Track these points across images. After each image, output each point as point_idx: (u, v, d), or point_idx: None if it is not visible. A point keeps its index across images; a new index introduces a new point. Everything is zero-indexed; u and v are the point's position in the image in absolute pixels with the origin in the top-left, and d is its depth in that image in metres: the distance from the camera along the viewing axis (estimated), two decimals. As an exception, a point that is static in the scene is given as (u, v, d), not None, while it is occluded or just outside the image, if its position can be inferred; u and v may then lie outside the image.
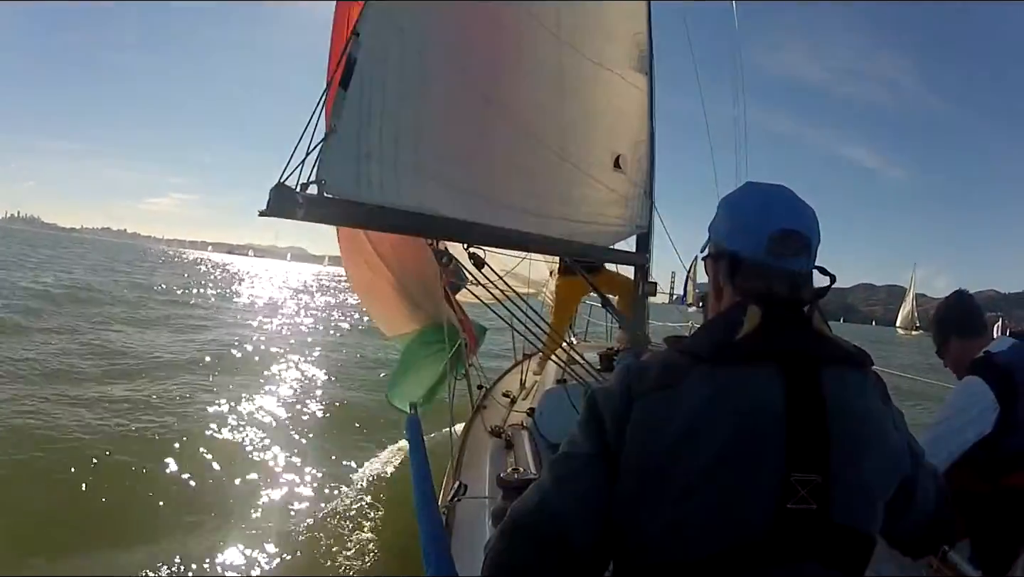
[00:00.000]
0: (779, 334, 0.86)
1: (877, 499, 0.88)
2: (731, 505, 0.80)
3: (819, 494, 0.80)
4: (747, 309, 0.87)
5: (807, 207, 0.94)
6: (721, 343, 0.86)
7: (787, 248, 0.89)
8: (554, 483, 0.87)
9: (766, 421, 0.81)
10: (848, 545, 0.83)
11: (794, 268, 0.90)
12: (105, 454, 4.50)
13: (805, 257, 0.91)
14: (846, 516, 0.82)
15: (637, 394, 0.85)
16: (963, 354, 1.95)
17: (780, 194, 0.95)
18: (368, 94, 1.55)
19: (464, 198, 2.03)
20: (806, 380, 0.83)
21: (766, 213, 0.92)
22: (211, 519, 3.92)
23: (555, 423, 2.61)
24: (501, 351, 5.83)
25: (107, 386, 6.54)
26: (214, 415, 5.95)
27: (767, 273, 0.90)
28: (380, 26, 1.61)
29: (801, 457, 0.80)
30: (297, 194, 1.37)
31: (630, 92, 3.18)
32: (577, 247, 2.81)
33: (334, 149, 1.44)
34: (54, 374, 6.87)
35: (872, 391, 0.91)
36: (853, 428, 0.84)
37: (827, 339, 0.88)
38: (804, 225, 0.91)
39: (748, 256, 0.91)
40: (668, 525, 0.81)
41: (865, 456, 0.84)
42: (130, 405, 5.87)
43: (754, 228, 0.91)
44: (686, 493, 0.80)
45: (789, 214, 0.92)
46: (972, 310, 2.05)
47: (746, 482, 0.80)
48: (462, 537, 1.73)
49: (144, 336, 10.34)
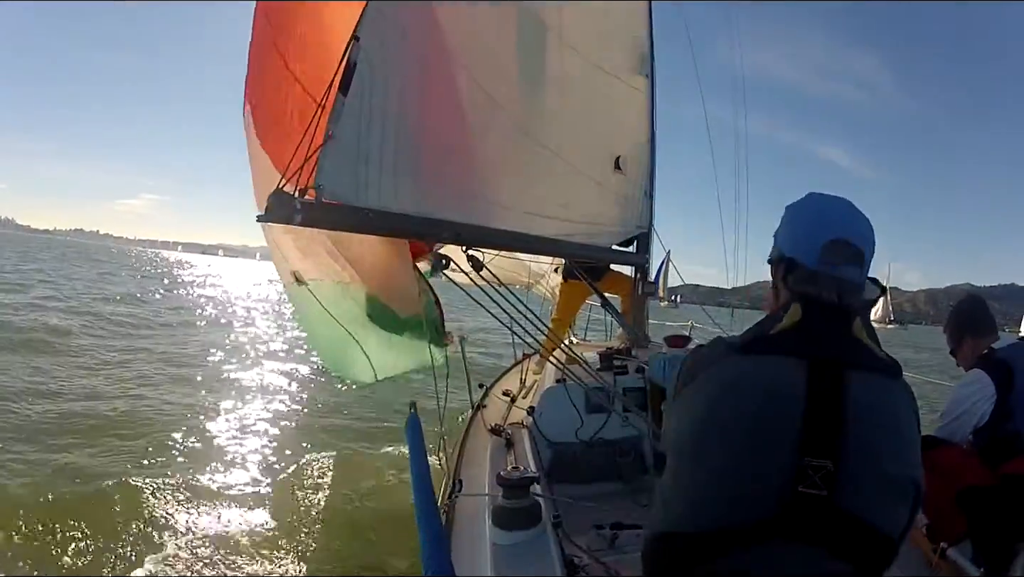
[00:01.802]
0: (813, 333, 0.91)
1: (893, 499, 0.90)
2: (745, 482, 0.86)
3: (830, 481, 0.83)
4: (790, 307, 0.93)
5: (863, 220, 0.99)
6: (756, 336, 0.94)
7: (837, 257, 0.94)
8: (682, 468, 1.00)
9: (785, 404, 0.86)
10: (856, 536, 0.85)
11: (844, 276, 0.94)
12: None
13: (856, 266, 0.95)
14: (853, 505, 0.85)
15: (684, 383, 0.98)
16: (975, 352, 2.11)
17: (837, 205, 1.01)
18: (368, 99, 1.56)
19: (463, 201, 2.04)
20: (830, 374, 0.88)
21: (821, 223, 0.98)
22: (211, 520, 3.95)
23: (555, 422, 2.62)
24: (502, 342, 5.81)
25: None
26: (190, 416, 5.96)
27: (817, 279, 0.95)
28: (380, 29, 1.61)
29: (815, 443, 0.84)
30: (295, 200, 1.39)
31: (630, 94, 3.19)
32: (577, 248, 2.82)
33: (333, 154, 1.46)
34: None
35: (903, 398, 0.94)
36: (872, 425, 0.87)
37: (862, 345, 0.93)
38: (856, 236, 0.96)
39: (802, 262, 0.97)
40: (686, 497, 0.90)
41: (883, 454, 0.87)
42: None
43: (809, 236, 0.97)
44: (705, 468, 0.88)
45: (843, 225, 0.97)
46: (985, 312, 2.22)
47: (761, 461, 0.85)
48: (462, 535, 1.74)
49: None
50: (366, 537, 3.74)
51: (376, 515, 4.00)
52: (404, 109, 1.73)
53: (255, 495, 4.37)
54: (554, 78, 2.56)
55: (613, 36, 3.03)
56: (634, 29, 3.19)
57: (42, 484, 4.06)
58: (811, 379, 0.87)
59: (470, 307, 2.33)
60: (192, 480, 4.39)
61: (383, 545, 3.62)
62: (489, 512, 1.69)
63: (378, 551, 3.56)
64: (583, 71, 2.75)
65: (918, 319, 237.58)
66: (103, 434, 5.27)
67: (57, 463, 4.50)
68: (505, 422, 2.84)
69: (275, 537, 3.76)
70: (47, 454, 4.69)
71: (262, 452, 5.30)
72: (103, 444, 5.04)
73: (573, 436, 2.58)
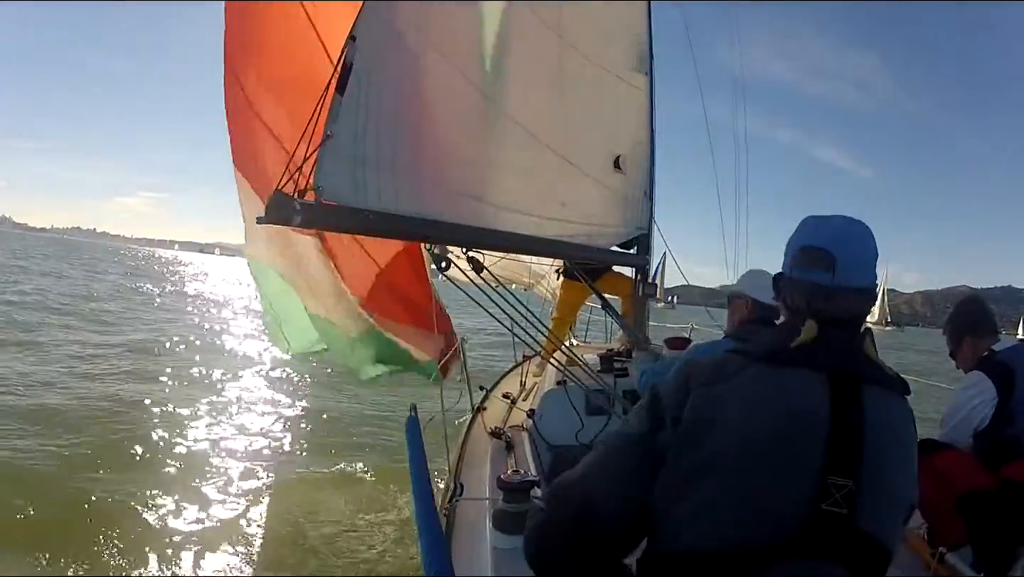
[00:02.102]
0: (831, 349, 0.93)
1: (898, 515, 0.92)
2: (769, 498, 0.85)
3: (850, 500, 0.84)
4: (805, 322, 0.95)
5: (842, 227, 1.01)
6: (777, 347, 0.94)
7: (808, 262, 0.99)
8: (599, 456, 0.97)
9: (812, 422, 0.87)
10: (869, 554, 0.86)
11: (814, 280, 0.98)
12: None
13: (823, 270, 0.97)
14: (869, 524, 0.85)
15: (694, 386, 0.93)
16: (974, 353, 2.08)
17: (817, 217, 1.05)
18: (365, 98, 1.54)
19: (463, 201, 2.03)
20: (850, 392, 0.90)
21: (798, 233, 1.04)
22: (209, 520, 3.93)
23: (555, 424, 2.61)
24: (500, 341, 5.79)
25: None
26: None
27: (791, 285, 1.02)
28: (377, 29, 1.60)
29: (838, 462, 0.85)
30: (295, 201, 1.38)
31: (630, 93, 3.17)
32: (577, 249, 2.80)
33: (331, 155, 1.44)
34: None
35: (909, 417, 0.96)
36: (884, 444, 0.89)
37: (873, 362, 0.95)
38: (826, 242, 0.99)
39: (785, 271, 1.04)
40: (707, 511, 0.86)
41: (891, 472, 0.90)
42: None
43: (789, 246, 1.04)
44: (729, 483, 0.86)
45: (814, 232, 1.02)
46: (985, 312, 2.19)
47: (786, 479, 0.85)
48: (462, 539, 1.73)
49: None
50: (367, 539, 3.73)
51: (377, 516, 3.99)
52: (401, 109, 1.71)
53: (251, 495, 4.35)
54: (553, 76, 2.55)
55: (613, 34, 3.01)
56: (634, 27, 3.18)
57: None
58: (834, 396, 0.88)
59: (469, 306, 2.32)
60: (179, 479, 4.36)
61: (382, 546, 3.61)
62: (490, 515, 1.68)
63: (379, 553, 3.55)
64: (583, 69, 2.73)
65: (915, 321, 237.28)
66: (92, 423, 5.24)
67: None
68: (505, 425, 2.83)
69: (275, 537, 3.74)
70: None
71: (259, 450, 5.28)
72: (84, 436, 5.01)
73: (573, 439, 2.57)
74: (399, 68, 1.70)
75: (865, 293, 0.97)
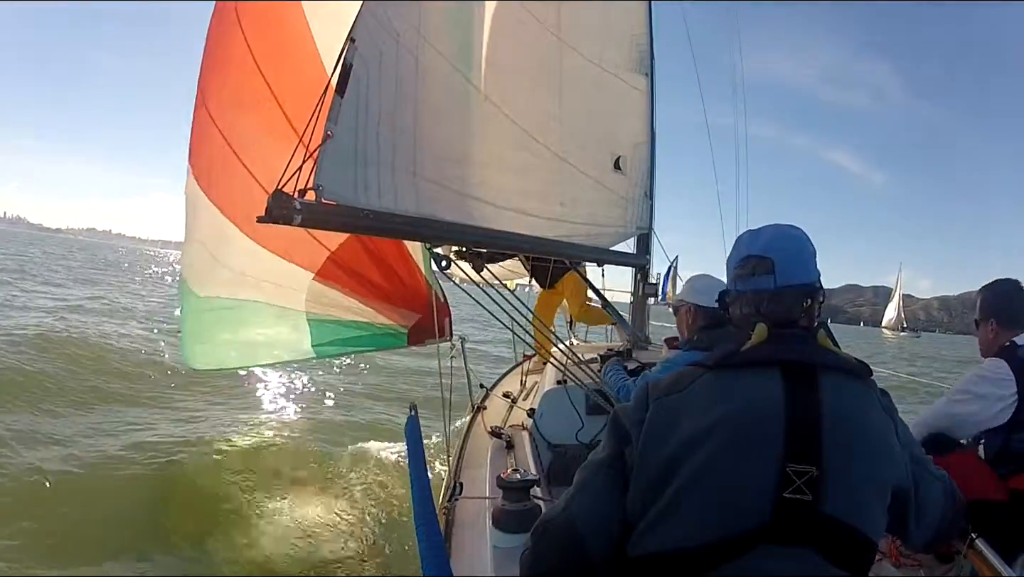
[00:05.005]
0: (782, 345, 0.95)
1: (871, 501, 0.92)
2: (732, 493, 0.86)
3: (814, 486, 0.86)
4: (755, 327, 0.96)
5: (775, 233, 1.03)
6: (727, 353, 0.96)
7: (749, 271, 1.02)
8: (576, 488, 0.99)
9: (766, 415, 0.89)
10: (842, 540, 0.87)
11: (758, 287, 1.00)
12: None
13: (764, 274, 1.00)
14: (835, 509, 0.86)
15: (652, 399, 0.96)
16: (996, 339, 2.00)
17: (750, 231, 1.07)
18: (364, 99, 1.55)
19: (462, 201, 2.04)
20: (805, 382, 0.91)
21: (735, 249, 1.07)
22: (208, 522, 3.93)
23: (555, 424, 2.61)
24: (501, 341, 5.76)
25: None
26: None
27: (738, 298, 1.04)
28: (375, 31, 1.61)
29: (798, 450, 0.87)
30: (295, 200, 1.38)
31: (630, 93, 3.18)
32: (577, 249, 2.81)
33: (331, 155, 1.45)
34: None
35: (872, 401, 0.97)
36: (847, 430, 0.90)
37: (829, 352, 0.96)
38: (762, 249, 1.02)
39: (730, 287, 1.07)
40: (673, 513, 0.88)
41: (857, 458, 0.90)
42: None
43: (729, 263, 1.08)
44: (691, 482, 0.87)
45: (750, 243, 1.04)
46: (1020, 303, 2.07)
47: (747, 471, 0.86)
48: (462, 538, 1.73)
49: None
50: (366, 539, 3.73)
51: (376, 517, 3.99)
52: (400, 110, 1.72)
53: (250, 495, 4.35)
54: (553, 77, 2.56)
55: (612, 35, 3.02)
56: (633, 28, 3.18)
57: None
58: (787, 385, 0.90)
59: (469, 307, 2.33)
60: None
61: (382, 546, 3.61)
62: (489, 515, 1.68)
63: (378, 553, 3.55)
64: (582, 70, 2.74)
65: (931, 326, 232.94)
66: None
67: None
68: (505, 424, 2.83)
69: (274, 537, 3.74)
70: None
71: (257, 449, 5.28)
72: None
73: (573, 438, 2.57)
74: (397, 69, 1.71)
75: (809, 288, 1.00)
